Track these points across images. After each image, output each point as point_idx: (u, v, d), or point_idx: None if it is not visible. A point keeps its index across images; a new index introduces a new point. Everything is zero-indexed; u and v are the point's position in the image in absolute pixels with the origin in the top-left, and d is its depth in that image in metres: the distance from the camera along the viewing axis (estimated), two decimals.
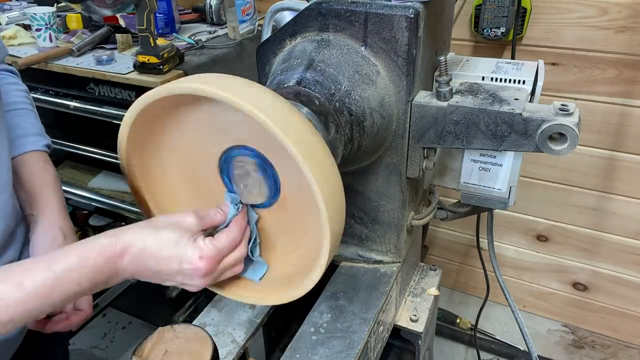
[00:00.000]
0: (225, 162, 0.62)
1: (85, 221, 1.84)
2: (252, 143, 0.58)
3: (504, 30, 1.35)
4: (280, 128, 0.48)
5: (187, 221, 0.57)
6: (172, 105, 0.57)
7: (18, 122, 0.79)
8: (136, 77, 1.25)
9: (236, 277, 0.67)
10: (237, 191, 0.63)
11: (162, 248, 0.55)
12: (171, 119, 0.60)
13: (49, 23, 1.41)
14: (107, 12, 1.25)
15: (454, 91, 0.74)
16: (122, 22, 1.49)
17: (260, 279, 0.66)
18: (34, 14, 1.39)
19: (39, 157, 0.79)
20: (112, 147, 1.53)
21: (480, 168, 0.80)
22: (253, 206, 0.64)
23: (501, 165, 0.78)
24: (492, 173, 0.79)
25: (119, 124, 0.59)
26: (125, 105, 1.30)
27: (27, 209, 0.74)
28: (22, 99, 0.83)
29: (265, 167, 0.59)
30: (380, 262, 0.89)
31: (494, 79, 0.81)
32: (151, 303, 1.65)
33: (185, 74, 1.28)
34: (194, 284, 0.58)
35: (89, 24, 1.56)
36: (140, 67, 1.25)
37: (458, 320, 1.75)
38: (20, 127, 0.79)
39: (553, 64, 1.42)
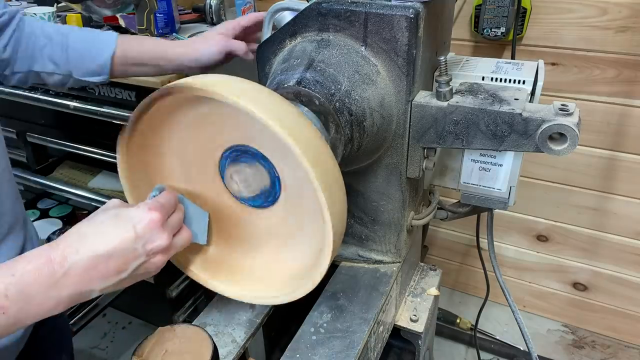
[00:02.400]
0: (226, 161, 0.62)
1: None
2: (254, 143, 0.58)
3: (504, 30, 1.35)
4: (287, 132, 0.48)
5: (111, 202, 0.54)
6: (175, 104, 0.57)
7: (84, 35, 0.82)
8: (136, 77, 1.25)
9: (236, 277, 0.67)
10: (237, 190, 0.63)
11: (104, 224, 0.50)
12: (172, 118, 0.60)
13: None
14: (107, 12, 1.25)
15: (454, 91, 0.74)
16: (122, 22, 1.49)
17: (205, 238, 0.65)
18: (34, 13, 1.39)
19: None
20: (112, 147, 1.52)
21: (480, 168, 0.80)
22: (254, 206, 0.64)
23: (501, 165, 0.78)
24: (492, 173, 0.79)
25: (119, 124, 0.59)
26: (125, 105, 1.30)
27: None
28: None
29: (266, 167, 0.59)
30: (380, 262, 0.89)
31: (494, 79, 0.81)
32: (151, 303, 1.65)
33: (185, 75, 1.28)
34: (157, 246, 0.52)
35: (89, 24, 1.56)
36: None
37: (458, 320, 1.75)
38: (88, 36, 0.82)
39: (553, 64, 1.42)
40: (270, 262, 0.67)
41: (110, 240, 0.49)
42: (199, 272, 0.69)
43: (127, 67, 0.84)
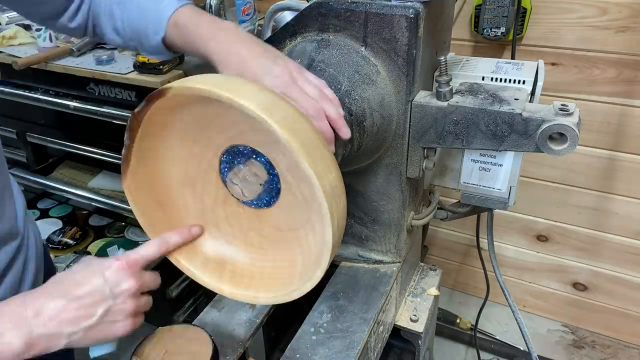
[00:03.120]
0: (226, 161, 0.62)
1: (85, 221, 1.84)
2: (253, 143, 0.58)
3: (504, 30, 1.35)
4: (288, 134, 0.48)
5: (85, 257, 0.58)
6: (177, 104, 0.57)
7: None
8: (136, 77, 1.25)
9: (236, 276, 0.67)
10: (236, 190, 0.63)
11: (76, 272, 0.54)
12: (173, 116, 0.60)
13: None
14: None
15: (454, 91, 0.74)
16: None
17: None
18: None
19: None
20: (112, 147, 1.53)
21: (480, 168, 0.80)
22: (253, 206, 0.64)
23: (501, 165, 0.78)
24: (492, 173, 0.79)
25: (119, 124, 0.59)
26: (125, 105, 1.30)
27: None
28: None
29: (266, 168, 0.59)
30: (380, 262, 0.89)
31: (494, 79, 0.81)
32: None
33: (185, 74, 1.28)
34: (125, 289, 0.55)
35: None
36: (140, 67, 1.25)
37: (458, 320, 1.75)
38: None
39: (553, 64, 1.42)
40: (272, 262, 0.67)
41: (80, 285, 0.53)
42: (220, 285, 0.68)
43: (180, 50, 0.73)
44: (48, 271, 0.85)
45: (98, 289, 0.54)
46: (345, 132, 0.61)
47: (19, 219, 0.74)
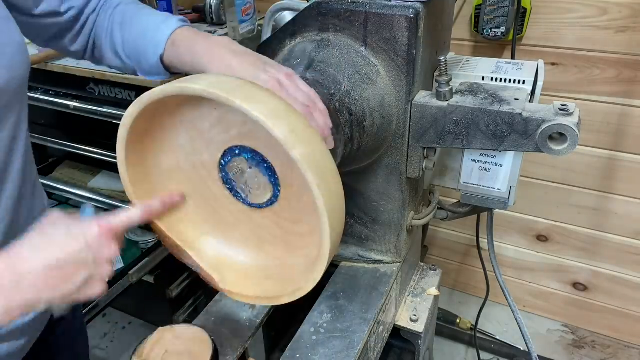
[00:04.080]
0: (226, 160, 0.62)
1: None
2: (254, 144, 0.58)
3: (504, 30, 1.35)
4: (281, 133, 0.48)
5: (54, 214, 0.55)
6: (177, 103, 0.57)
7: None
8: (136, 77, 1.25)
9: (236, 276, 0.67)
10: (238, 191, 0.63)
11: (55, 235, 0.52)
12: (172, 117, 0.60)
13: None
14: None
15: (454, 91, 0.74)
16: None
17: None
18: None
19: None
20: (112, 147, 1.52)
21: (480, 168, 0.80)
22: (253, 207, 0.64)
23: (501, 165, 0.78)
24: (492, 173, 0.79)
25: (119, 124, 0.59)
26: (125, 105, 1.30)
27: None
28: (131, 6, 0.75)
29: (266, 168, 0.59)
30: (380, 262, 0.89)
31: (494, 79, 0.81)
32: (151, 303, 1.65)
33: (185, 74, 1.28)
34: (106, 255, 0.54)
35: None
36: None
37: (458, 320, 1.75)
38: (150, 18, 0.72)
39: (553, 64, 1.42)
40: (269, 261, 0.67)
41: (62, 251, 0.51)
42: (220, 285, 0.69)
43: (176, 69, 0.74)
44: None
45: (80, 256, 0.52)
46: (330, 143, 0.61)
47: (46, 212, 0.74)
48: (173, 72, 0.74)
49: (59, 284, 0.51)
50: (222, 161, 0.62)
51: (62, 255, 0.51)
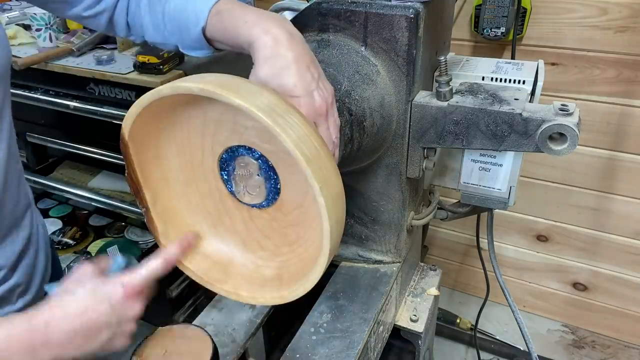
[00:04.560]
0: (226, 160, 0.62)
1: (85, 221, 1.84)
2: (256, 145, 0.58)
3: (504, 30, 1.35)
4: (289, 139, 0.48)
5: (83, 270, 0.58)
6: (178, 103, 0.57)
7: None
8: (136, 77, 1.25)
9: (236, 275, 0.67)
10: (236, 190, 0.63)
11: (82, 299, 0.55)
12: (174, 115, 0.60)
13: (49, 23, 1.41)
14: None
15: (454, 91, 0.74)
16: None
17: None
18: (34, 14, 1.39)
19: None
20: (112, 147, 1.53)
21: (480, 168, 0.80)
22: (253, 207, 0.64)
23: (501, 165, 0.78)
24: (492, 173, 0.79)
25: (119, 124, 0.59)
26: (125, 105, 1.30)
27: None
28: None
29: (266, 168, 0.59)
30: (380, 262, 0.89)
31: (494, 79, 0.81)
32: (151, 303, 1.65)
33: (185, 74, 1.28)
34: (130, 317, 0.58)
35: None
36: (141, 67, 1.25)
37: (458, 320, 1.75)
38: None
39: (553, 64, 1.42)
40: (272, 262, 0.67)
41: (87, 315, 0.55)
42: (222, 286, 0.69)
43: (220, 42, 0.69)
44: (54, 261, 0.89)
45: (105, 319, 0.55)
46: (336, 156, 0.62)
47: (32, 205, 0.77)
48: (216, 47, 0.69)
49: (84, 344, 0.55)
50: (223, 158, 0.62)
51: (86, 319, 0.54)
